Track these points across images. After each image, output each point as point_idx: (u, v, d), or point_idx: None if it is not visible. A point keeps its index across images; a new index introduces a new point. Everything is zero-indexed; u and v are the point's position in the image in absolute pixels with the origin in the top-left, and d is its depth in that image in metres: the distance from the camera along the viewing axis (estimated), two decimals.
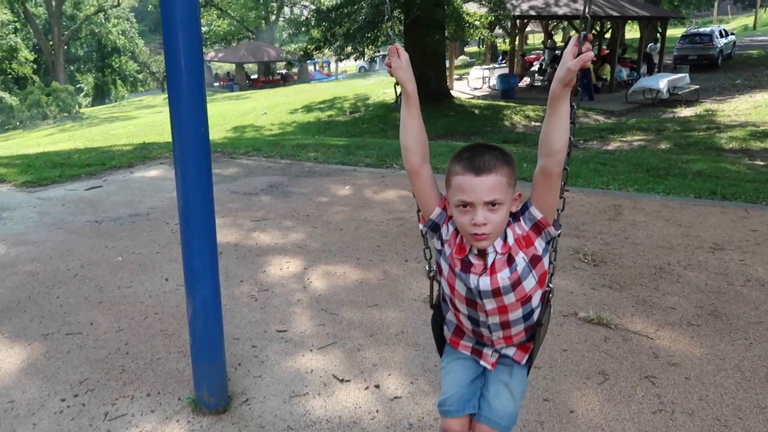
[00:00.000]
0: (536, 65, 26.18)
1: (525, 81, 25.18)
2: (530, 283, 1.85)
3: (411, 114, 1.91)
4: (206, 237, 2.78)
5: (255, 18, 50.74)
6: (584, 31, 1.66)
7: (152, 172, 8.14)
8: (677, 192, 6.63)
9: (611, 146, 12.89)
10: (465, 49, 44.26)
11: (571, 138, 1.76)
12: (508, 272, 1.81)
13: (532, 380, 3.10)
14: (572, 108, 1.75)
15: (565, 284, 4.25)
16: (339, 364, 3.33)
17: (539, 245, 1.84)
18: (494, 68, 26.38)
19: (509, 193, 1.76)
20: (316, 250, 5.03)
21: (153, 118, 26.85)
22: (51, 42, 43.25)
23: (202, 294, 2.80)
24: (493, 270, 1.82)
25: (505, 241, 1.82)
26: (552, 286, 1.96)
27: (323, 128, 18.79)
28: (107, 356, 3.45)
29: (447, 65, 23.39)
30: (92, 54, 51.41)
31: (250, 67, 46.15)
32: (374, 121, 19.18)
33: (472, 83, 25.67)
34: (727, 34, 29.45)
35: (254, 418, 2.88)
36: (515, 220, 1.84)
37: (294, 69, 44.25)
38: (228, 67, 46.65)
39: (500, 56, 31.37)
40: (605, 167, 8.08)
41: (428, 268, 2.11)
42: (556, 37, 42.37)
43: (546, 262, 1.88)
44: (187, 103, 2.58)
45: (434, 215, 1.94)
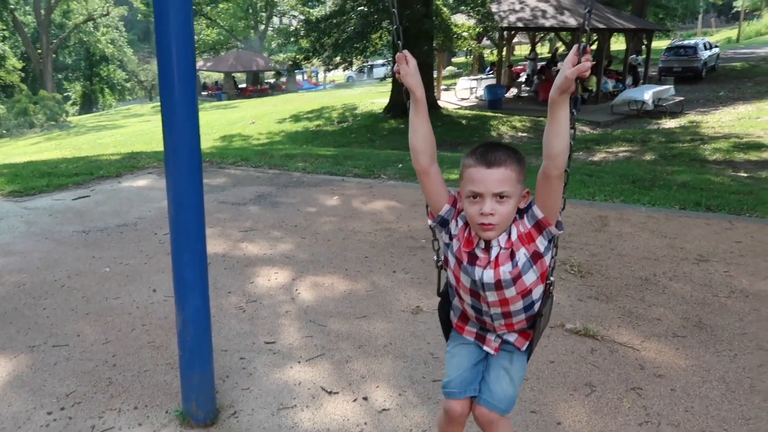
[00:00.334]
0: (523, 76, 26.37)
1: (512, 92, 25.37)
2: (531, 278, 1.96)
3: (420, 117, 2.02)
4: (197, 249, 2.78)
5: (244, 27, 50.83)
6: (584, 43, 1.73)
7: (140, 182, 8.12)
8: (662, 203, 6.71)
9: (597, 157, 13.01)
10: (452, 60, 44.53)
11: (572, 143, 1.87)
12: (510, 266, 1.93)
13: (520, 392, 3.11)
14: (572, 114, 1.83)
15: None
16: (327, 376, 3.33)
17: (540, 243, 1.95)
18: (481, 79, 26.58)
19: (517, 189, 1.88)
20: (304, 261, 5.03)
21: (141, 127, 26.75)
22: (39, 50, 43.07)
23: (193, 305, 2.80)
24: (497, 263, 1.93)
25: (509, 237, 1.93)
26: (553, 279, 2.06)
27: (311, 138, 18.82)
28: (94, 368, 3.43)
29: (435, 76, 23.52)
30: (80, 62, 51.18)
31: (239, 77, 46.15)
32: (362, 131, 19.23)
33: (460, 94, 25.83)
34: (711, 47, 29.86)
35: (242, 431, 2.87)
36: (520, 218, 1.95)
37: (282, 78, 44.29)
38: (216, 76, 46.63)
39: (488, 67, 31.58)
40: (591, 178, 8.16)
41: (436, 258, 2.23)
42: (543, 49, 42.84)
43: (547, 259, 1.99)
44: (180, 116, 2.58)
45: (443, 211, 2.06)
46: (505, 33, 24.28)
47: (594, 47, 27.56)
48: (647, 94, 19.10)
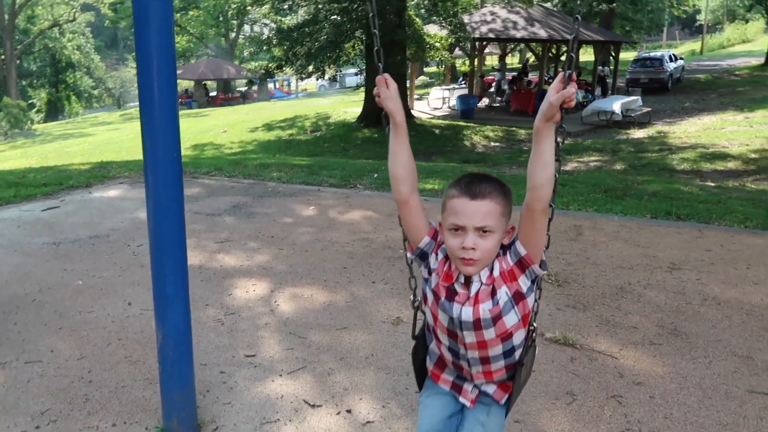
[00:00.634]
0: (494, 86, 26.66)
1: (484, 101, 25.62)
2: (512, 320, 1.82)
3: (400, 144, 1.90)
4: (178, 261, 2.74)
5: (215, 35, 50.45)
6: (570, 71, 1.66)
7: (112, 192, 7.98)
8: (634, 212, 6.82)
9: (569, 167, 13.19)
10: (424, 70, 44.82)
11: (557, 176, 1.74)
12: (490, 304, 1.80)
13: None
14: (557, 145, 1.73)
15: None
16: (309, 389, 3.31)
17: (523, 283, 1.83)
18: (454, 89, 26.79)
19: (502, 223, 1.77)
20: (283, 272, 5.00)
21: (109, 136, 26.34)
22: (3, 56, 42.14)
23: (174, 319, 2.76)
24: (476, 300, 1.81)
25: (491, 273, 1.81)
26: (536, 326, 1.94)
27: (284, 147, 18.73)
28: (70, 385, 3.35)
29: (408, 85, 23.64)
30: (45, 69, 50.22)
31: (210, 85, 45.77)
32: (335, 141, 19.22)
33: (432, 103, 26.00)
34: (677, 59, 30.63)
35: None
36: (503, 254, 1.83)
37: (254, 87, 44.06)
38: (186, 84, 46.15)
39: (460, 77, 31.87)
40: (564, 188, 8.26)
41: (413, 298, 2.10)
42: (513, 59, 43.41)
43: (530, 301, 1.86)
44: (160, 125, 2.56)
45: (423, 244, 1.94)
46: (477, 44, 24.53)
47: (563, 59, 28.07)
48: (616, 105, 19.47)
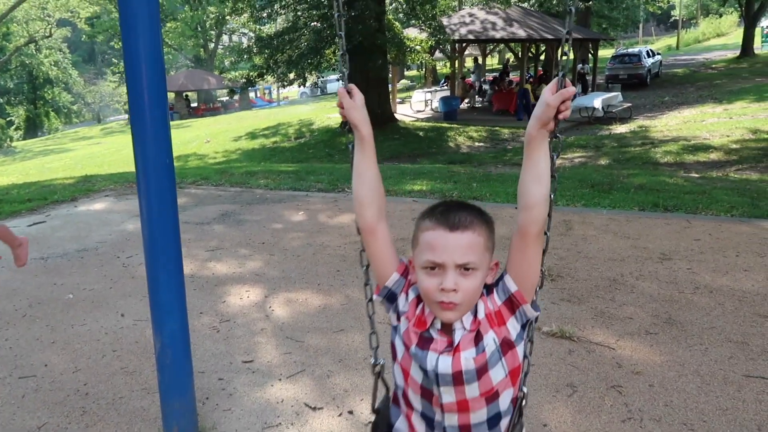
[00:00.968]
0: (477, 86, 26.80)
1: (466, 103, 25.73)
2: (498, 374, 1.50)
3: (366, 161, 1.63)
4: (173, 270, 2.71)
5: (193, 46, 50.23)
6: (563, 71, 1.46)
7: (97, 206, 7.90)
8: (622, 206, 6.88)
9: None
10: (405, 73, 44.97)
11: (552, 196, 1.52)
12: (474, 352, 1.48)
13: None
14: (552, 159, 1.50)
15: None
16: (310, 392, 3.29)
17: (512, 327, 1.52)
18: (436, 91, 26.88)
19: (486, 258, 1.48)
20: (276, 278, 4.97)
21: (91, 150, 26.11)
22: None
23: (171, 328, 2.73)
24: (457, 348, 1.49)
25: (476, 316, 1.50)
26: (526, 391, 1.60)
27: (269, 155, 18.68)
28: (66, 398, 3.31)
29: (390, 89, 23.68)
30: (23, 86, 49.69)
31: (190, 95, 45.54)
32: (320, 146, 19.20)
33: (415, 106, 26.05)
34: (654, 54, 30.93)
35: None
36: (488, 293, 1.54)
37: (235, 96, 43.92)
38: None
39: (442, 80, 32.02)
40: (557, 183, 8.30)
41: (374, 361, 1.77)
42: (493, 60, 43.66)
43: (519, 353, 1.54)
44: (152, 135, 2.54)
45: (391, 282, 1.62)
46: (457, 45, 24.64)
47: (542, 57, 28.32)
48: (597, 101, 19.62)
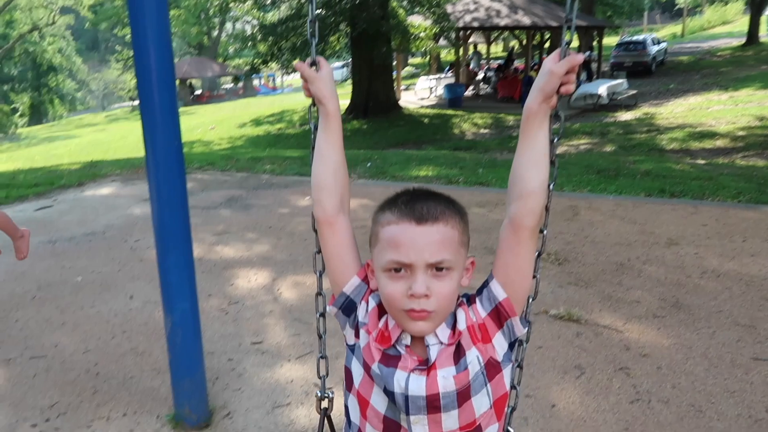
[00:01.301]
0: (481, 74, 26.69)
1: (471, 90, 25.64)
2: (483, 403, 1.22)
3: (331, 141, 1.37)
4: (183, 250, 2.73)
5: (197, 34, 50.06)
6: (568, 40, 1.29)
7: (104, 190, 7.91)
8: (628, 191, 6.87)
9: (559, 150, 13.07)
10: (409, 61, 44.79)
11: (551, 186, 1.29)
12: (454, 370, 1.20)
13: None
14: (552, 142, 1.29)
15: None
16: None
17: (499, 345, 1.25)
18: (440, 78, 26.79)
19: (461, 255, 1.22)
20: (283, 261, 4.98)
21: (96, 137, 26.13)
22: None
23: (181, 309, 2.75)
24: (432, 365, 1.20)
25: (454, 328, 1.23)
26: (512, 431, 1.38)
27: (273, 141, 18.66)
28: (77, 378, 3.33)
29: (394, 76, 23.61)
30: (27, 73, 49.62)
31: (195, 83, 45.47)
32: None
33: (420, 93, 25.99)
34: (659, 42, 30.72)
35: (238, 431, 2.83)
36: (469, 302, 1.27)
37: (239, 83, 43.85)
38: None
39: (446, 67, 31.89)
40: (558, 170, 8.28)
41: (320, 394, 1.53)
42: (498, 47, 43.41)
43: (506, 378, 1.27)
44: (161, 117, 2.54)
45: (350, 288, 1.34)
46: (462, 32, 24.51)
47: (547, 45, 28.14)
48: (602, 89, 19.54)
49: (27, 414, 3.02)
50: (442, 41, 28.32)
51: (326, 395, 1.51)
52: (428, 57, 30.59)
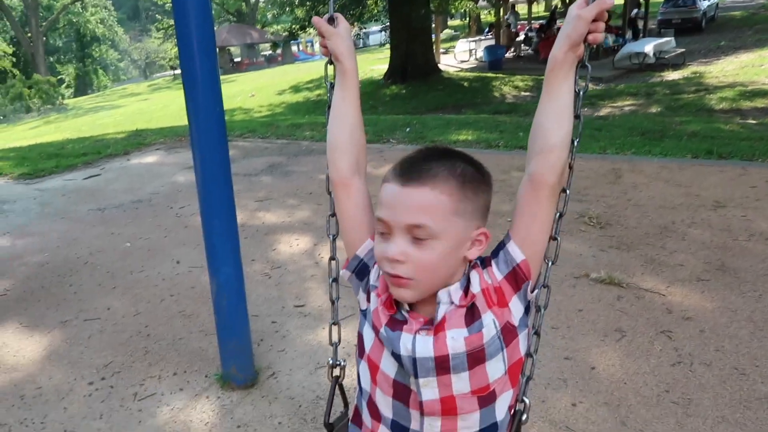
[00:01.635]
0: (522, 35, 26.08)
1: (512, 51, 25.12)
2: (497, 369, 1.18)
3: (348, 101, 1.34)
4: (226, 216, 2.80)
5: (235, 0, 50.10)
6: None
7: (149, 158, 8.10)
8: (674, 153, 6.69)
9: (603, 112, 12.93)
10: (449, 23, 44.00)
11: (575, 142, 1.22)
12: (466, 331, 1.15)
13: (551, 340, 3.16)
14: (577, 95, 1.21)
15: (574, 247, 4.31)
16: None
17: (515, 309, 1.20)
18: (480, 40, 26.30)
19: (454, 226, 1.13)
20: (323, 227, 5.02)
21: (139, 106, 26.61)
22: (29, 34, 42.52)
23: (226, 272, 2.83)
24: (440, 325, 1.16)
25: (467, 290, 1.18)
26: (528, 403, 1.31)
27: (313, 108, 18.69)
28: (129, 339, 3.48)
29: (433, 39, 23.27)
30: (71, 44, 50.67)
31: (234, 50, 45.68)
32: (364, 98, 18.75)
33: (459, 56, 25.60)
34: None
35: (283, 390, 2.93)
36: (484, 265, 1.22)
37: (278, 50, 43.85)
38: None
39: (486, 28, 31.25)
40: (601, 132, 8.12)
41: (332, 361, 1.50)
42: (539, 7, 42.23)
43: (522, 344, 1.22)
44: (202, 84, 2.58)
45: (363, 251, 1.31)
46: None
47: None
48: (648, 47, 18.88)
49: (84, 373, 3.18)
50: (482, 2, 27.78)
51: (338, 363, 1.49)
52: (468, 18, 29.94)
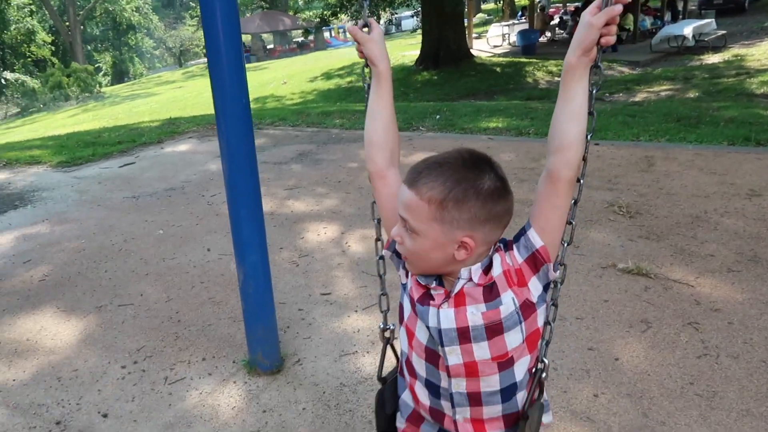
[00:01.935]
0: (556, 19, 25.64)
1: (546, 36, 24.72)
2: (515, 339, 1.35)
3: (381, 100, 1.52)
4: (252, 204, 2.85)
5: None
6: None
7: (182, 147, 8.25)
8: (710, 140, 6.54)
9: (638, 97, 12.68)
10: (482, 7, 43.43)
11: (588, 137, 1.33)
12: (484, 306, 1.32)
13: (576, 331, 3.15)
14: (590, 93, 1.32)
15: (602, 237, 4.27)
16: None
17: (534, 288, 1.35)
18: (513, 24, 25.93)
19: (433, 230, 1.29)
20: (351, 215, 5.10)
21: (174, 94, 27.00)
22: (67, 23, 43.37)
23: (252, 261, 2.89)
24: (460, 300, 1.34)
25: (488, 270, 1.34)
26: (546, 362, 1.43)
27: (344, 95, 18.72)
28: (160, 325, 3.59)
29: (465, 24, 23.03)
30: (108, 33, 51.49)
31: (266, 37, 45.90)
32: (395, 85, 18.37)
33: (492, 41, 25.30)
34: None
35: (308, 377, 2.99)
36: (506, 248, 1.38)
37: (310, 36, 43.88)
38: (243, 38, 46.39)
39: (519, 12, 30.76)
40: (634, 119, 7.98)
41: (383, 326, 1.67)
42: None
43: (540, 317, 1.38)
44: (228, 75, 2.62)
45: None
46: None
47: None
48: (687, 30, 18.39)
49: (117, 356, 3.29)
50: None
51: (388, 327, 1.66)
52: (501, 2, 29.51)
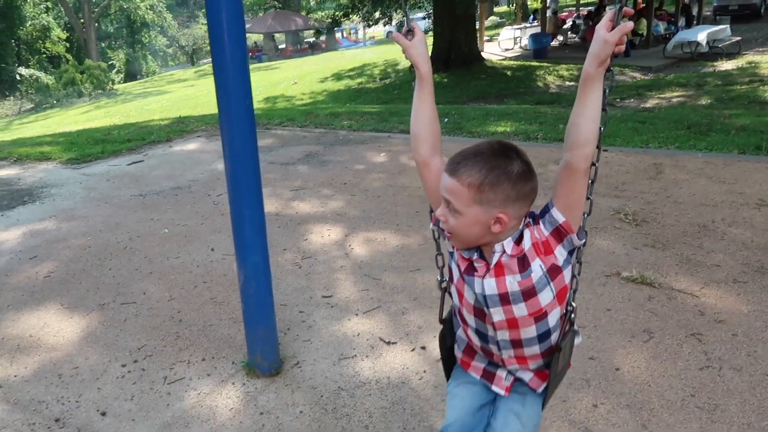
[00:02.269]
0: (569, 23, 25.54)
1: (558, 40, 24.63)
2: (546, 297, 1.63)
3: (423, 99, 1.77)
4: (254, 205, 2.84)
5: None
6: (620, 2, 1.47)
7: (190, 146, 8.28)
8: (720, 148, 6.49)
9: (649, 103, 12.60)
10: (494, 10, 43.37)
11: (602, 129, 1.57)
12: (519, 276, 1.61)
13: None
14: (604, 92, 1.55)
15: (607, 244, 4.24)
16: (385, 327, 3.41)
17: (560, 254, 1.62)
18: (525, 28, 25.85)
19: (473, 209, 1.56)
20: (356, 218, 5.09)
21: (185, 92, 27.11)
22: (82, 20, 43.67)
23: (253, 261, 2.88)
24: (500, 271, 1.63)
25: (519, 243, 1.61)
26: (575, 305, 1.74)
27: (354, 96, 18.75)
28: (162, 324, 3.59)
29: (477, 27, 22.99)
30: (122, 30, 51.81)
31: (278, 37, 46.01)
32: (405, 87, 19.04)
33: (503, 44, 25.24)
34: None
35: (306, 380, 2.98)
36: (534, 223, 1.64)
37: (322, 37, 43.95)
38: (255, 38, 46.58)
39: (531, 15, 30.68)
40: (644, 125, 7.93)
41: (440, 278, 1.92)
42: None
43: (567, 275, 1.66)
44: (233, 76, 2.63)
45: None
46: None
47: None
48: (701, 36, 18.26)
49: (118, 354, 3.30)
50: None
51: (444, 279, 1.89)
52: (513, 5, 29.45)
